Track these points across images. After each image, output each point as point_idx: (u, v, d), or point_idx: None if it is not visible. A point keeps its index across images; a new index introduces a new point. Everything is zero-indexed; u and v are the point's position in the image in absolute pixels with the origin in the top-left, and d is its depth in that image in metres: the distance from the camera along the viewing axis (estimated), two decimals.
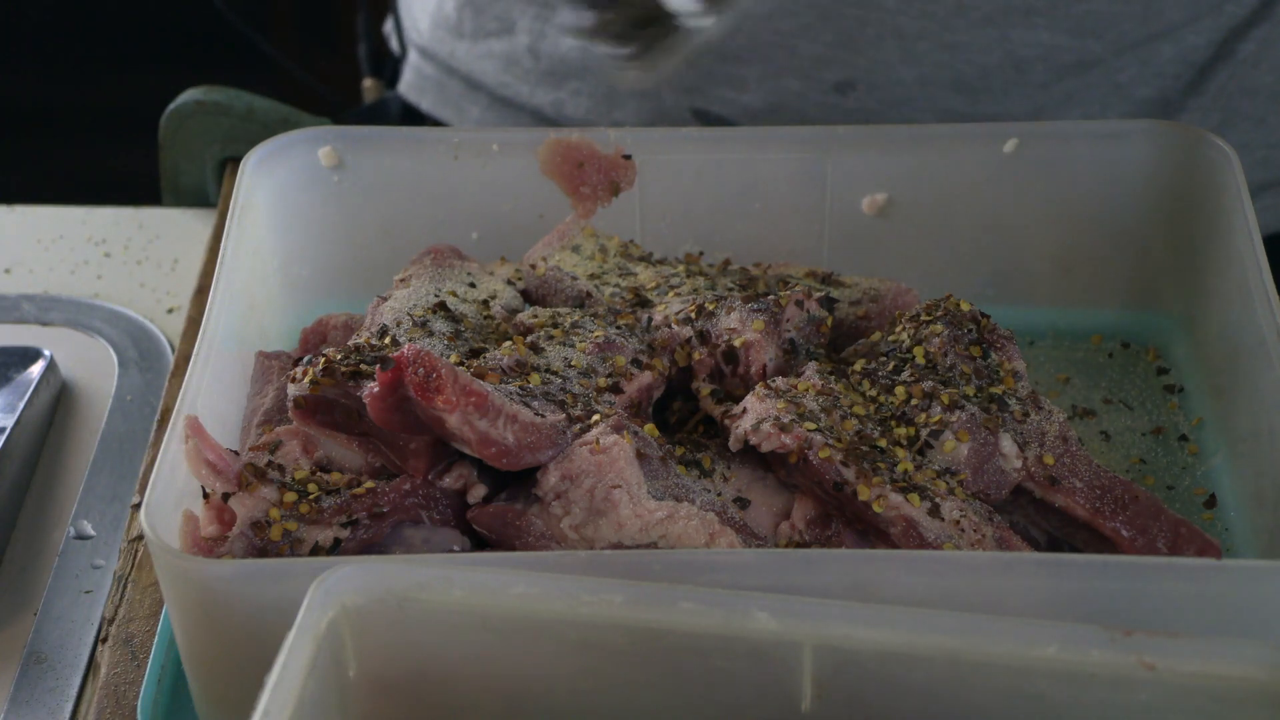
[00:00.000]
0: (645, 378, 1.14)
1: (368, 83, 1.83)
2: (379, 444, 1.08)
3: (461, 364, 1.11)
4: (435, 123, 1.66)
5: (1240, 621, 0.99)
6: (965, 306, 1.17)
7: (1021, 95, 1.47)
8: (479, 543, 1.08)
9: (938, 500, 1.06)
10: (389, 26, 1.77)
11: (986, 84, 1.46)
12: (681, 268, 1.25)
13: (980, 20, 1.43)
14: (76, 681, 1.15)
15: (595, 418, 1.08)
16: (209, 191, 1.58)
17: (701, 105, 1.51)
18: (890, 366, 1.14)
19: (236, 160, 1.53)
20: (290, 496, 1.06)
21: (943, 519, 1.06)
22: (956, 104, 1.47)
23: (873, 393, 1.13)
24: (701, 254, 1.30)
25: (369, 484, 1.07)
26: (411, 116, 1.68)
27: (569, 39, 1.53)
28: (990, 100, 1.47)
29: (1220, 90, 1.48)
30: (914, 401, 1.11)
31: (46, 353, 1.37)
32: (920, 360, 1.14)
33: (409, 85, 1.67)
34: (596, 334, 1.15)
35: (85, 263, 1.52)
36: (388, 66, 1.78)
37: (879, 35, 1.45)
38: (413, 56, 1.68)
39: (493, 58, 1.59)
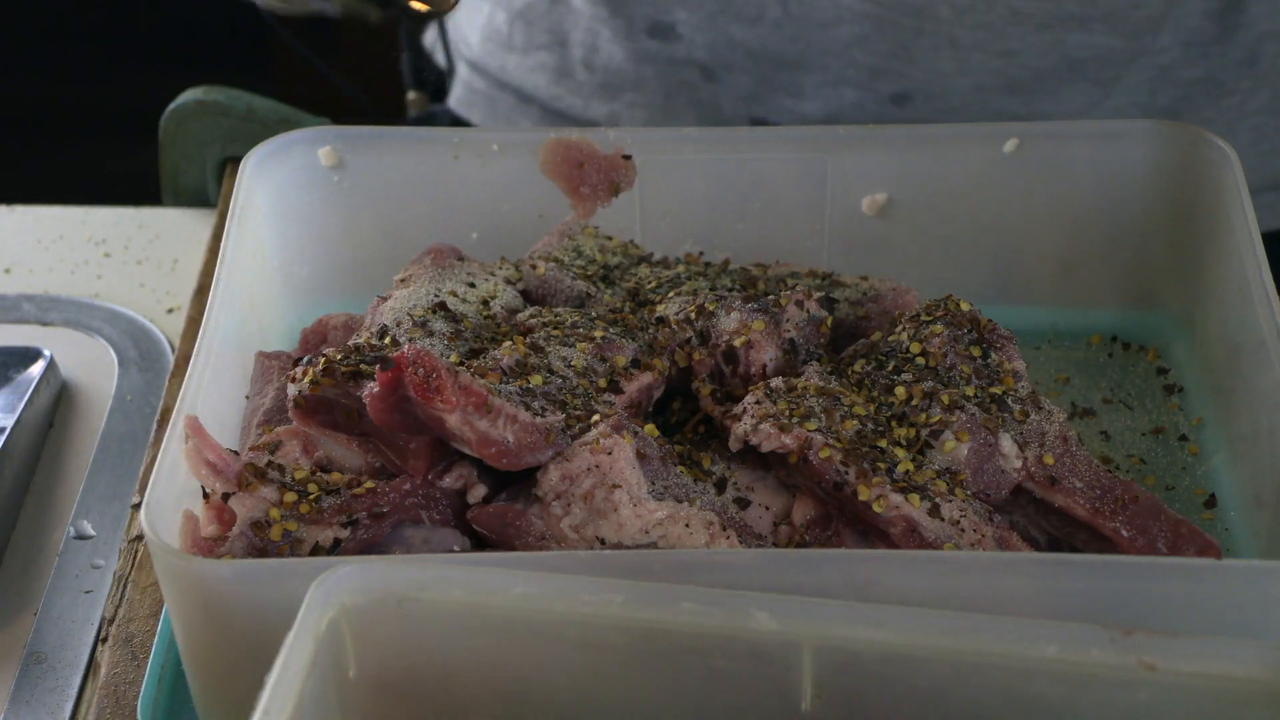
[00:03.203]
0: (645, 378, 1.14)
1: (411, 95, 1.83)
2: (379, 444, 1.08)
3: (461, 364, 1.11)
4: None
5: (1240, 621, 0.99)
6: (965, 306, 1.17)
7: (1075, 92, 1.46)
8: (479, 543, 1.08)
9: (938, 500, 1.06)
10: (431, 39, 1.76)
11: (1041, 85, 1.46)
12: (681, 268, 1.25)
13: (1035, 27, 1.43)
14: (76, 681, 1.15)
15: (595, 418, 1.08)
16: (209, 191, 1.58)
17: (760, 114, 1.51)
18: (890, 366, 1.14)
19: (236, 160, 1.53)
20: (290, 496, 1.06)
21: (943, 519, 1.06)
22: (1012, 106, 1.47)
23: (873, 393, 1.13)
24: (701, 254, 1.30)
25: (369, 484, 1.07)
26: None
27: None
28: (1045, 99, 1.47)
29: (1271, 66, 1.46)
30: (914, 401, 1.11)
31: (46, 353, 1.37)
32: (920, 360, 1.14)
33: (458, 100, 1.67)
34: (596, 334, 1.15)
35: (85, 263, 1.52)
36: (429, 79, 1.77)
37: (934, 46, 1.44)
38: (462, 70, 1.67)
39: (545, 70, 1.59)
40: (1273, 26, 1.44)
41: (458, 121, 1.68)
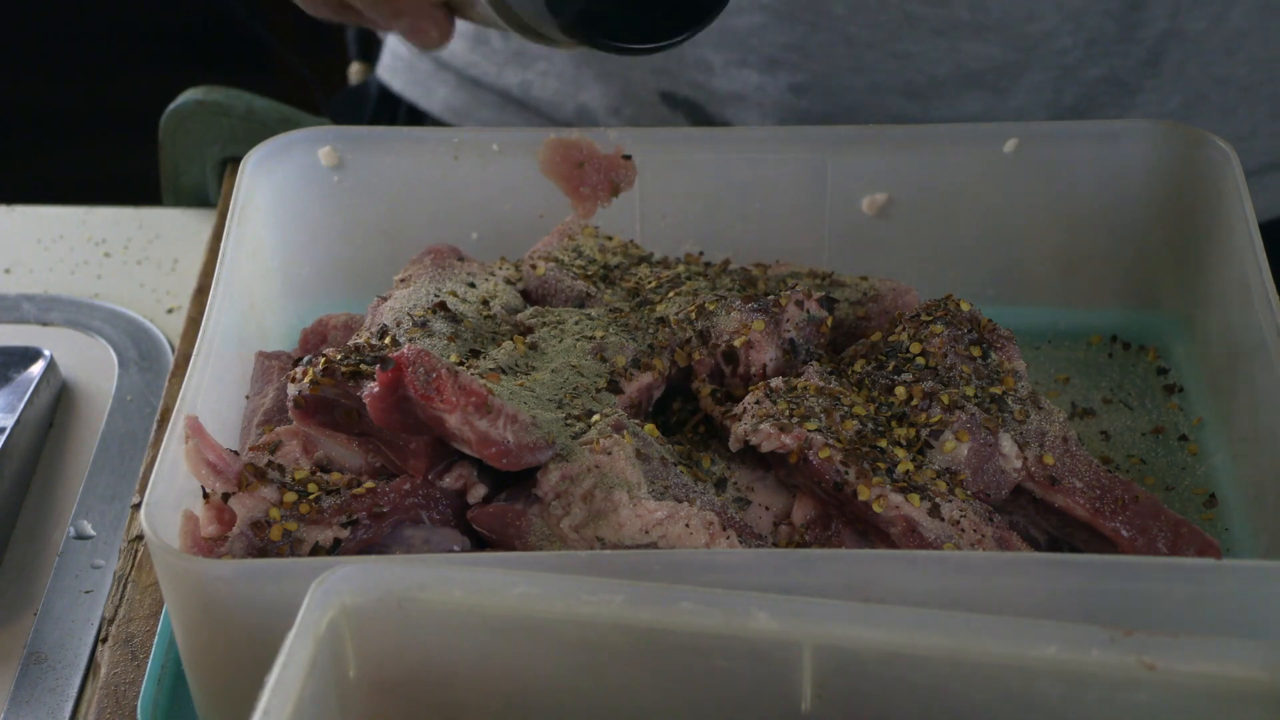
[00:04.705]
0: (645, 378, 1.14)
1: (355, 66, 1.83)
2: (379, 444, 1.08)
3: (461, 364, 1.11)
4: (410, 105, 1.66)
5: (1240, 621, 0.99)
6: (965, 306, 1.17)
7: (974, 99, 1.46)
8: (479, 543, 1.08)
9: (938, 500, 1.06)
10: None
11: (938, 91, 1.46)
12: (681, 268, 1.25)
13: (930, 32, 1.43)
14: (76, 681, 1.15)
15: (595, 418, 1.08)
16: (209, 191, 1.58)
17: (669, 88, 1.51)
18: (890, 367, 1.14)
19: (236, 160, 1.53)
20: (290, 496, 1.06)
21: (943, 519, 1.06)
22: (910, 109, 1.47)
23: (873, 393, 1.13)
24: (701, 254, 1.30)
25: (369, 484, 1.07)
26: (387, 98, 1.68)
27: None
28: (943, 105, 1.47)
29: (1178, 70, 1.46)
30: (914, 402, 1.11)
31: (46, 353, 1.37)
32: (920, 360, 1.14)
33: (385, 67, 1.68)
34: (597, 334, 1.15)
35: (85, 263, 1.52)
36: (376, 51, 1.79)
37: (829, 41, 1.44)
38: (390, 38, 1.68)
39: (462, 37, 1.59)
40: (1174, 25, 1.44)
41: (384, 90, 1.68)
